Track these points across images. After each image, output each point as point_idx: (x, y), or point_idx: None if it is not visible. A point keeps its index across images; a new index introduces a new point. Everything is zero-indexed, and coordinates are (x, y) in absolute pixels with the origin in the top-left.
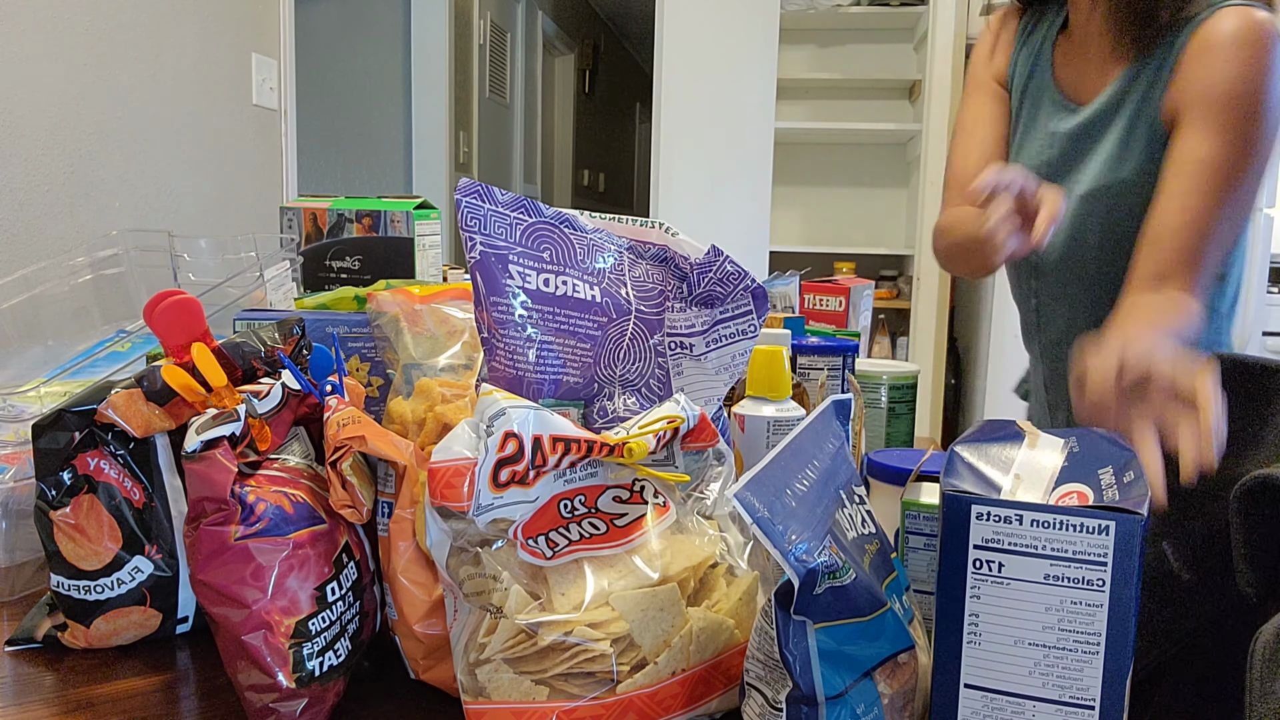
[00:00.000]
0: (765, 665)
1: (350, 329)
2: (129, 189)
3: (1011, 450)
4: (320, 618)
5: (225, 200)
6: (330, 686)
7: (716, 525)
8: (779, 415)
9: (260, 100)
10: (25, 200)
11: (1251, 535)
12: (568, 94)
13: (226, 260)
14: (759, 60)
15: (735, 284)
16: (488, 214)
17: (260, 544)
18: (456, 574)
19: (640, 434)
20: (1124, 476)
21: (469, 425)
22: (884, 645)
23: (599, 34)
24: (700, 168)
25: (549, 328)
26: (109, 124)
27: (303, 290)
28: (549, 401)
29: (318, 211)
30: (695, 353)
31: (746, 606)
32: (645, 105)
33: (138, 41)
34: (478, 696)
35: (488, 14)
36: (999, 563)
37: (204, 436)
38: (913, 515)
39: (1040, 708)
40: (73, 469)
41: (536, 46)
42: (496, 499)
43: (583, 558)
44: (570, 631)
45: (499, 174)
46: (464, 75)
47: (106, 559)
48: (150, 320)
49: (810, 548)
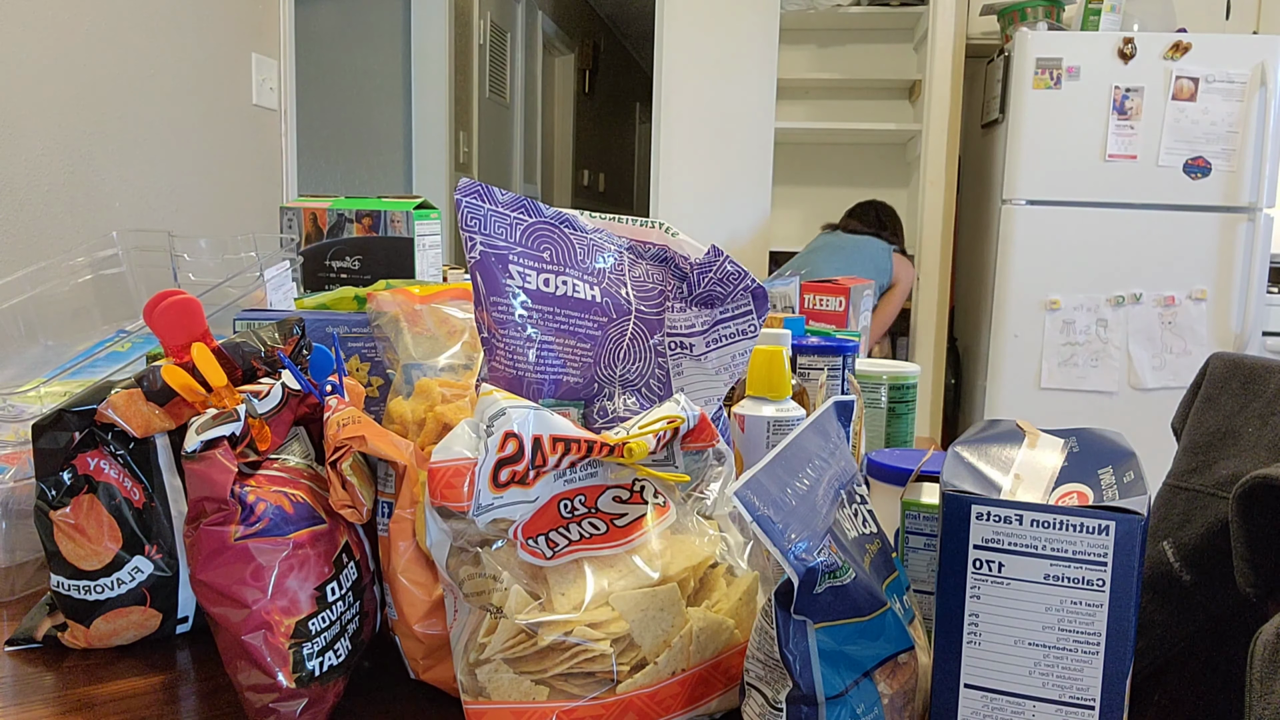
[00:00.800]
0: (765, 665)
1: (350, 329)
2: (129, 189)
3: (1011, 450)
4: (320, 618)
5: (225, 200)
6: (330, 686)
7: (716, 525)
8: (779, 415)
9: (260, 100)
10: (25, 200)
11: (1251, 535)
12: (568, 94)
13: (226, 260)
14: (759, 60)
15: (735, 284)
16: (488, 214)
17: (260, 544)
18: (456, 574)
19: (640, 434)
20: (1124, 476)
21: (469, 425)
22: (884, 645)
23: (599, 34)
24: (700, 168)
25: (549, 328)
26: (109, 124)
27: (303, 290)
28: (549, 401)
29: (318, 211)
30: (695, 353)
31: (746, 606)
32: (645, 105)
33: (138, 41)
34: (478, 696)
35: (488, 14)
36: (999, 563)
37: (204, 436)
38: (913, 515)
39: (1040, 708)
40: (73, 469)
41: (536, 46)
42: (496, 499)
43: (583, 558)
44: (570, 631)
45: (499, 174)
46: (464, 75)
47: (106, 559)
48: (150, 320)
49: (810, 546)
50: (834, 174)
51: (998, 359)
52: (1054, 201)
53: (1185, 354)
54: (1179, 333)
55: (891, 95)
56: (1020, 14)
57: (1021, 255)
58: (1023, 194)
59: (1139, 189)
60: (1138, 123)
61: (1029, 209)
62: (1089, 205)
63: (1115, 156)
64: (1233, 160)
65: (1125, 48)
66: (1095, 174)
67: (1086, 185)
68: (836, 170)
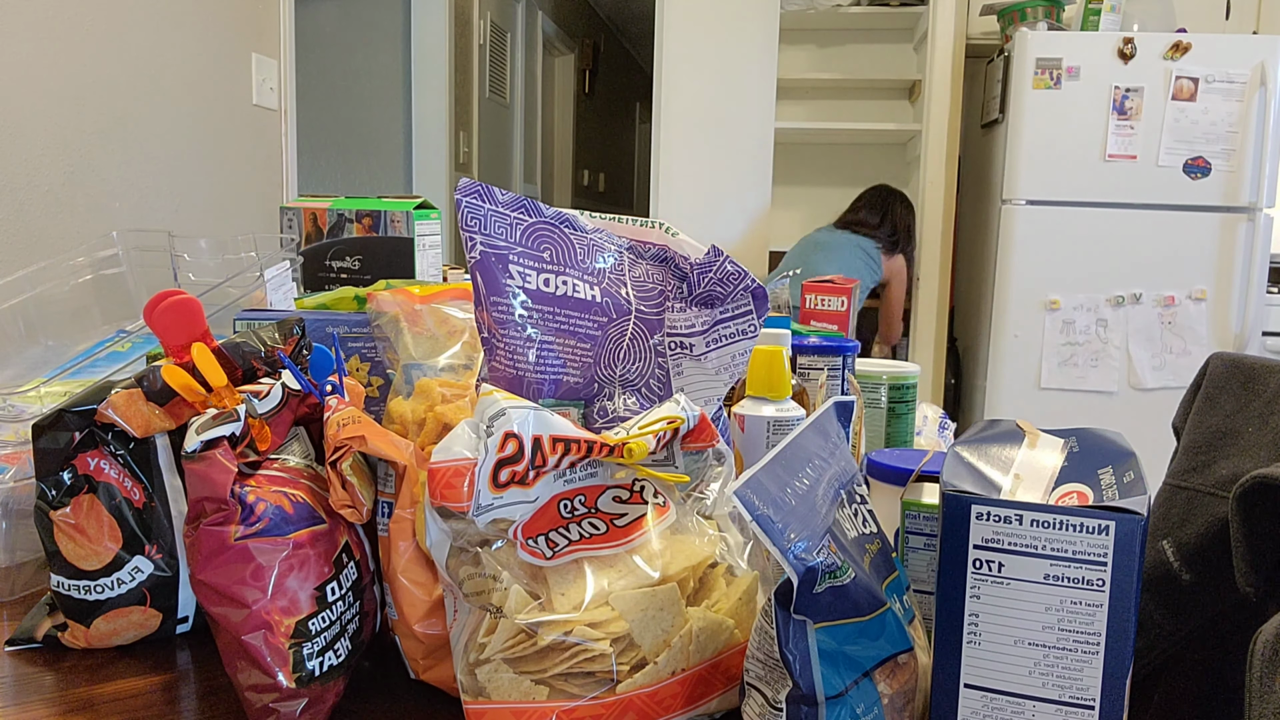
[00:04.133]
0: (765, 665)
1: (350, 329)
2: (129, 189)
3: (1011, 450)
4: (320, 618)
5: (225, 200)
6: (330, 686)
7: (716, 525)
8: (779, 415)
9: (260, 100)
10: (25, 200)
11: (1251, 535)
12: (568, 94)
13: (226, 260)
14: (759, 60)
15: (735, 284)
16: (488, 214)
17: (260, 544)
18: (456, 574)
19: (640, 434)
20: (1124, 476)
21: (469, 425)
22: (884, 645)
23: (599, 34)
24: (700, 168)
25: (549, 328)
26: (109, 124)
27: (303, 290)
28: (549, 401)
29: (318, 211)
30: (695, 353)
31: (746, 606)
32: (645, 105)
33: (138, 41)
34: (478, 696)
35: (488, 14)
36: (999, 563)
37: (204, 436)
38: (913, 515)
39: (1040, 708)
40: (73, 469)
41: (536, 46)
42: (496, 499)
43: (583, 558)
44: (570, 631)
45: (499, 174)
46: (464, 75)
47: (106, 559)
48: (150, 320)
49: (809, 546)
50: (834, 174)
51: (997, 359)
52: (1054, 201)
53: (1185, 354)
54: (1179, 333)
55: (891, 95)
56: (1020, 14)
57: (1021, 255)
58: (1023, 194)
59: (1139, 189)
60: (1138, 123)
61: (1029, 209)
62: (1089, 205)
63: (1115, 156)
64: (1232, 160)
65: (1125, 48)
66: (1095, 174)
67: (1086, 185)
68: (836, 170)
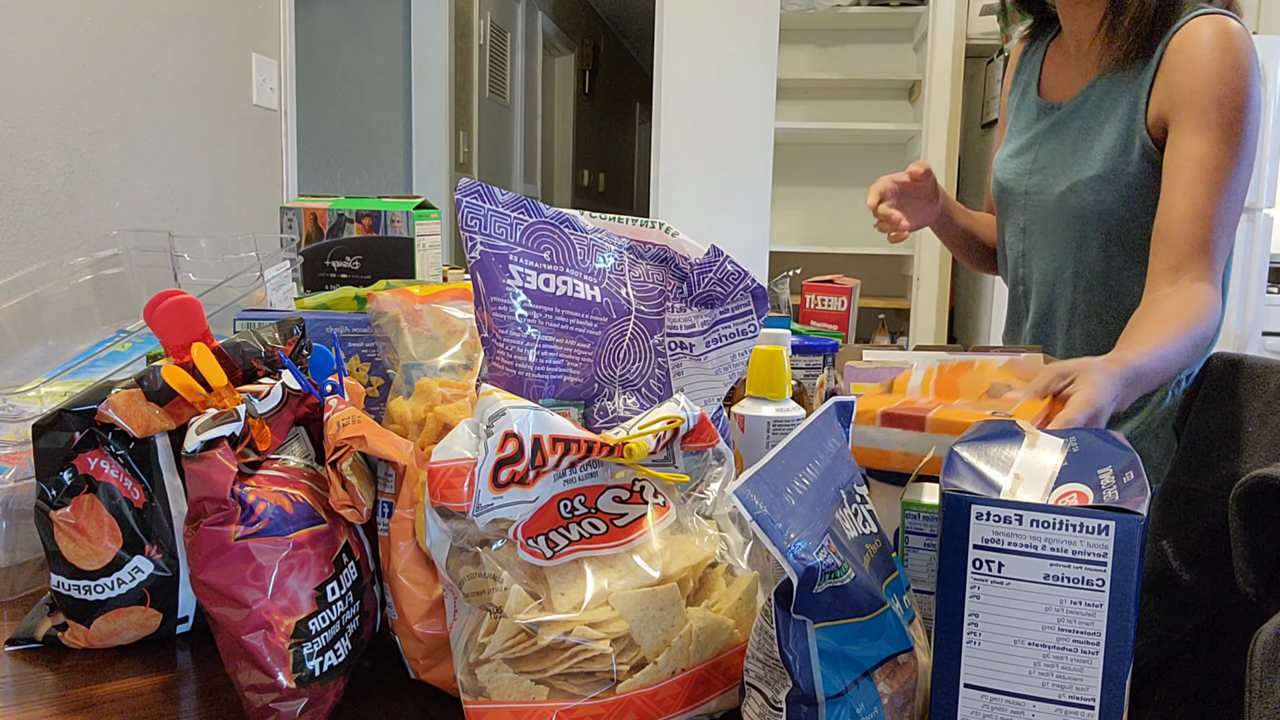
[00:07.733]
0: (765, 665)
1: (350, 329)
2: (129, 189)
3: (1011, 450)
4: (320, 618)
5: (225, 200)
6: (330, 686)
7: (716, 525)
8: (779, 415)
9: (260, 100)
10: (25, 200)
11: (1251, 535)
12: (568, 94)
13: (226, 260)
14: (759, 60)
15: (735, 284)
16: (488, 214)
17: (260, 544)
18: (456, 574)
19: (640, 434)
20: (1124, 476)
21: (469, 425)
22: (884, 645)
23: (599, 34)
24: (700, 168)
25: (549, 328)
26: (109, 124)
27: (303, 290)
28: (549, 401)
29: (318, 211)
30: (695, 353)
31: (746, 606)
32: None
33: (138, 41)
34: (478, 696)
35: (488, 14)
36: (999, 562)
37: (204, 436)
38: (913, 515)
39: (1040, 708)
40: (73, 469)
41: (536, 46)
42: (496, 499)
43: (583, 557)
44: (570, 631)
45: (499, 174)
46: (464, 75)
47: (107, 559)
48: (150, 320)
49: (809, 546)
50: (834, 174)
51: None
52: None
53: None
54: None
55: (891, 95)
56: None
57: None
58: None
59: None
60: None
61: None
62: None
63: None
64: None
65: None
66: None
67: None
68: (836, 170)
